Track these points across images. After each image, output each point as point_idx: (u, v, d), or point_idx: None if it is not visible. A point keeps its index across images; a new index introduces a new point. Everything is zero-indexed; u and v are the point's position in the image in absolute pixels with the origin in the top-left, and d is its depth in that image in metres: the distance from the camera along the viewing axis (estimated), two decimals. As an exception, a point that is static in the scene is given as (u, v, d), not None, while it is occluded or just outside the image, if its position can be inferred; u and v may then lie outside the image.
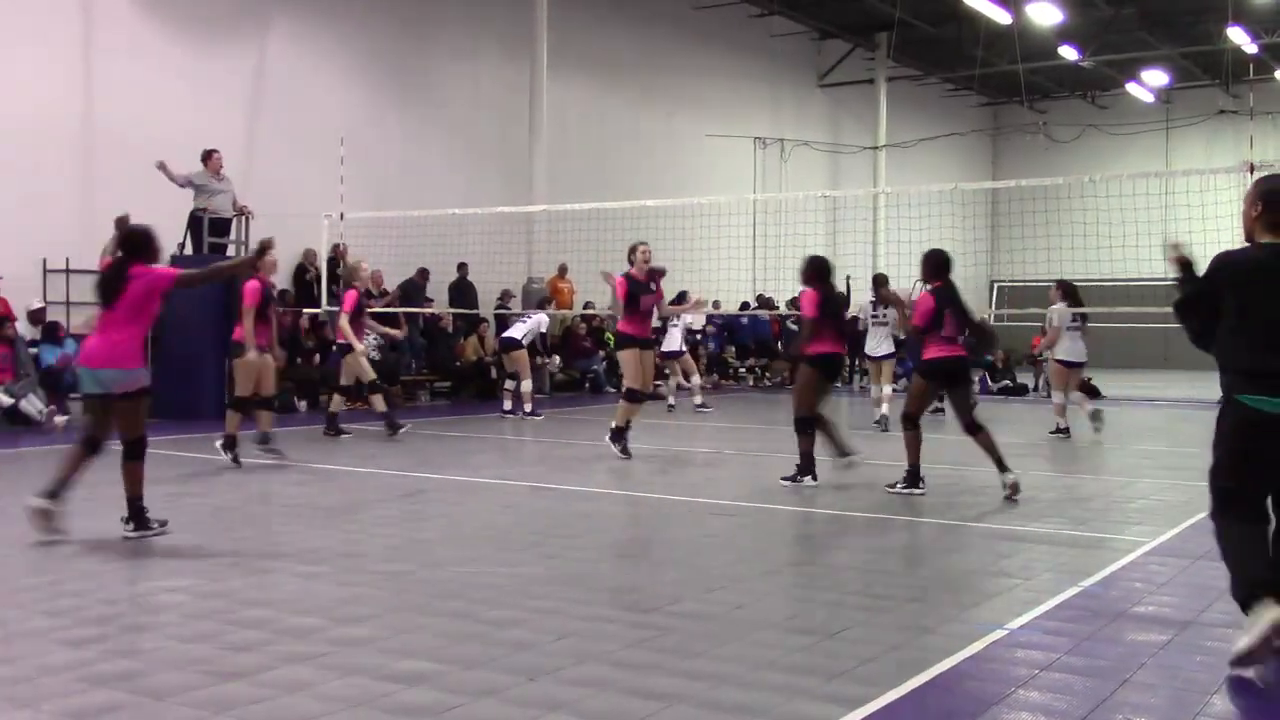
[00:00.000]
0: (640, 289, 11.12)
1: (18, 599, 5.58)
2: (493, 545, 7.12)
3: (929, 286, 9.23)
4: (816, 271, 9.71)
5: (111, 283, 7.28)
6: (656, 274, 11.51)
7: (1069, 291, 13.97)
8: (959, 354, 9.01)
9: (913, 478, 9.04)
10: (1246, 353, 4.73)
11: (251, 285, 10.78)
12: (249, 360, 10.69)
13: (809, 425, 9.41)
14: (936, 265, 9.25)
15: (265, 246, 8.82)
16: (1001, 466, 8.84)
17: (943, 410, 15.07)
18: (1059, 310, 13.96)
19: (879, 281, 15.63)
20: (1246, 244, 4.96)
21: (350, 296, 13.08)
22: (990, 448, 8.88)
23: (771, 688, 4.33)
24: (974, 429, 8.91)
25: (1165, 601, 5.64)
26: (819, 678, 4.45)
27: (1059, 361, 13.99)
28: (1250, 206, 4.91)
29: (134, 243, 7.41)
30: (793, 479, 9.34)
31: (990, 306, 29.68)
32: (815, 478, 9.40)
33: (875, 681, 4.39)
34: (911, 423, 9.10)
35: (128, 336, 7.17)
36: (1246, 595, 4.64)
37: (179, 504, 8.40)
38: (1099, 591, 5.93)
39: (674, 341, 17.66)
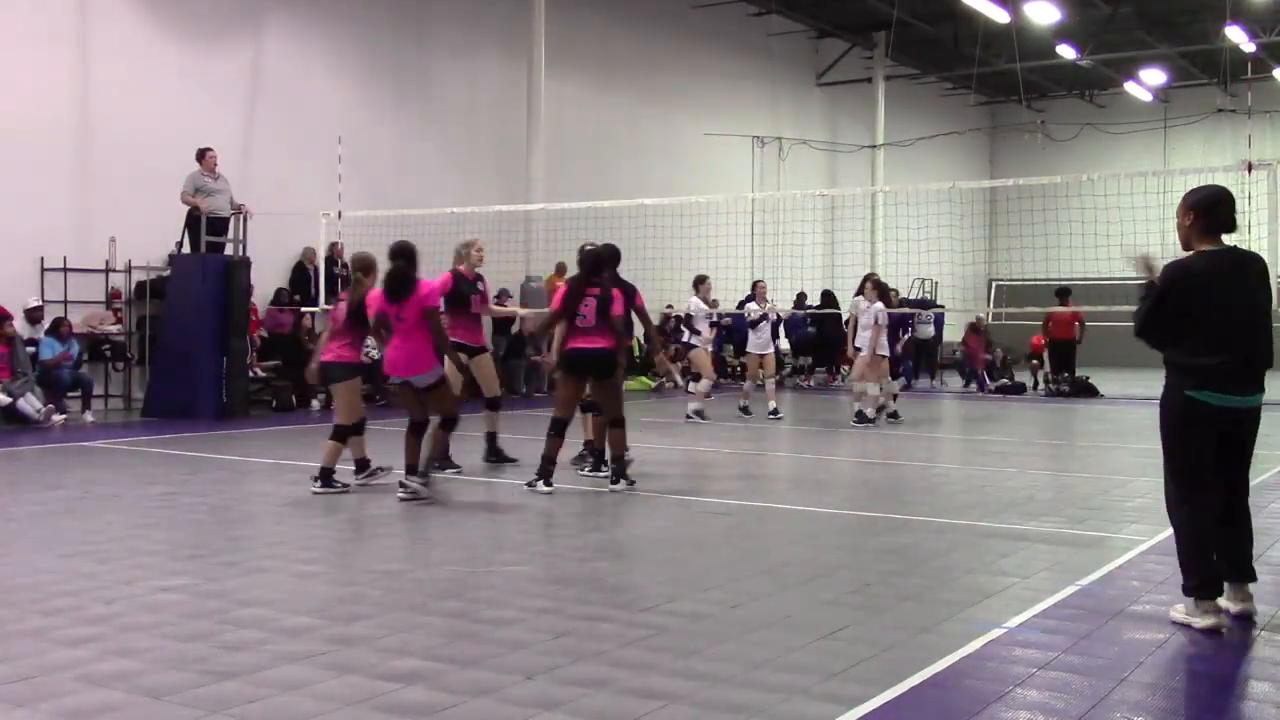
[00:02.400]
0: (469, 288, 10.20)
1: (14, 598, 5.57)
2: (489, 545, 7.11)
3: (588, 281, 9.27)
4: (599, 263, 9.27)
5: (400, 286, 8.36)
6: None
7: (886, 291, 15.33)
8: (600, 346, 8.97)
9: (597, 461, 9.66)
10: (1199, 352, 5.13)
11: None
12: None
13: (559, 426, 9.17)
14: (596, 261, 9.27)
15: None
16: (615, 466, 9.10)
17: (894, 420, 14.90)
18: (880, 309, 14.66)
19: (871, 279, 15.70)
20: (1187, 252, 5.33)
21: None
22: (616, 442, 9.13)
23: (768, 687, 4.33)
24: (617, 422, 9.12)
25: (1163, 600, 5.64)
26: (816, 677, 4.45)
27: (879, 356, 14.69)
28: (1183, 217, 5.29)
29: (409, 253, 8.48)
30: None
31: (989, 305, 29.73)
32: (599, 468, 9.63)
33: (873, 681, 4.39)
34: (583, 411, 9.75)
35: (418, 343, 8.40)
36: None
37: (175, 503, 8.39)
38: (1097, 590, 5.93)
39: (763, 341, 16.17)
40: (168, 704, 4.10)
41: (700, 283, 15.50)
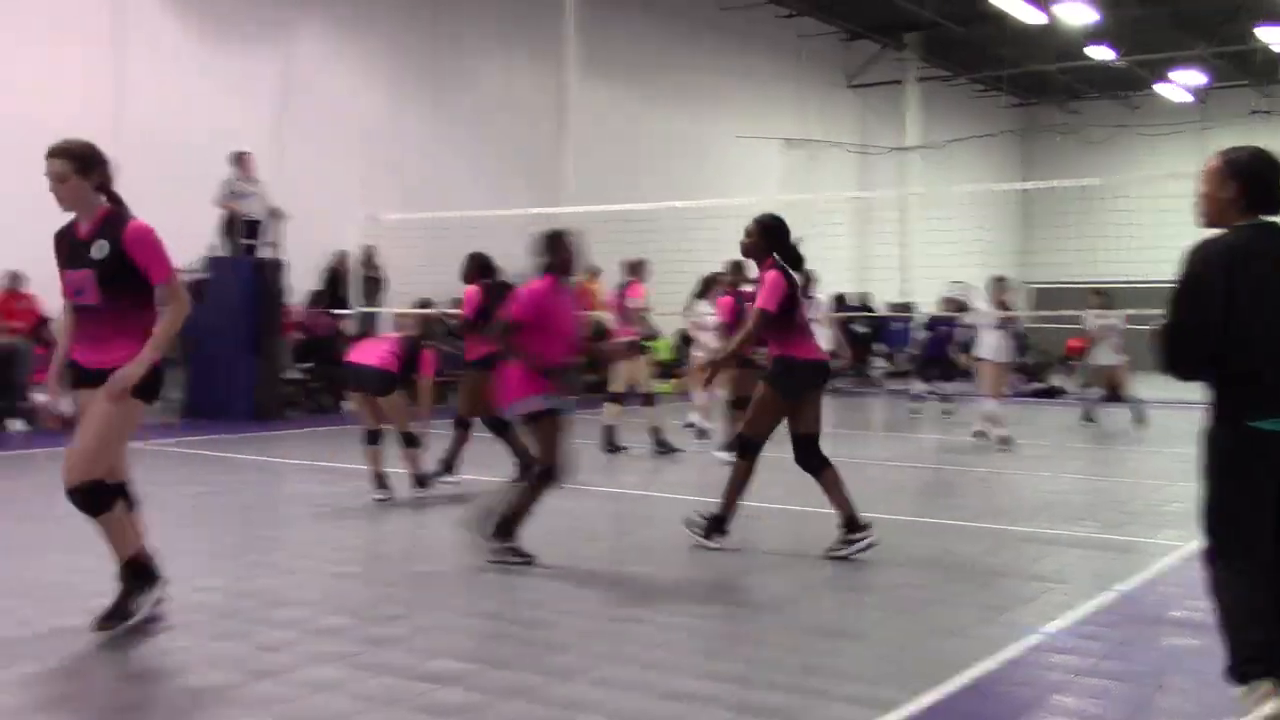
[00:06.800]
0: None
1: (51, 595, 5.62)
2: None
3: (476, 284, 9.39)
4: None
5: None
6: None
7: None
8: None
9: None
10: (1260, 361, 3.81)
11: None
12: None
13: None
14: (482, 266, 9.52)
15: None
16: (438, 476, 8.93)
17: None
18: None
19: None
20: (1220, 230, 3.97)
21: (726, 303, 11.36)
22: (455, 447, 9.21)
23: (803, 690, 4.31)
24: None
25: (1200, 606, 5.54)
26: (850, 680, 4.42)
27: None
28: (1219, 186, 3.96)
29: None
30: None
31: (1024, 308, 29.56)
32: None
33: (907, 685, 4.35)
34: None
35: None
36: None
37: (210, 503, 8.45)
38: (1135, 596, 5.88)
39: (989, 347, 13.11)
40: (204, 703, 4.12)
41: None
